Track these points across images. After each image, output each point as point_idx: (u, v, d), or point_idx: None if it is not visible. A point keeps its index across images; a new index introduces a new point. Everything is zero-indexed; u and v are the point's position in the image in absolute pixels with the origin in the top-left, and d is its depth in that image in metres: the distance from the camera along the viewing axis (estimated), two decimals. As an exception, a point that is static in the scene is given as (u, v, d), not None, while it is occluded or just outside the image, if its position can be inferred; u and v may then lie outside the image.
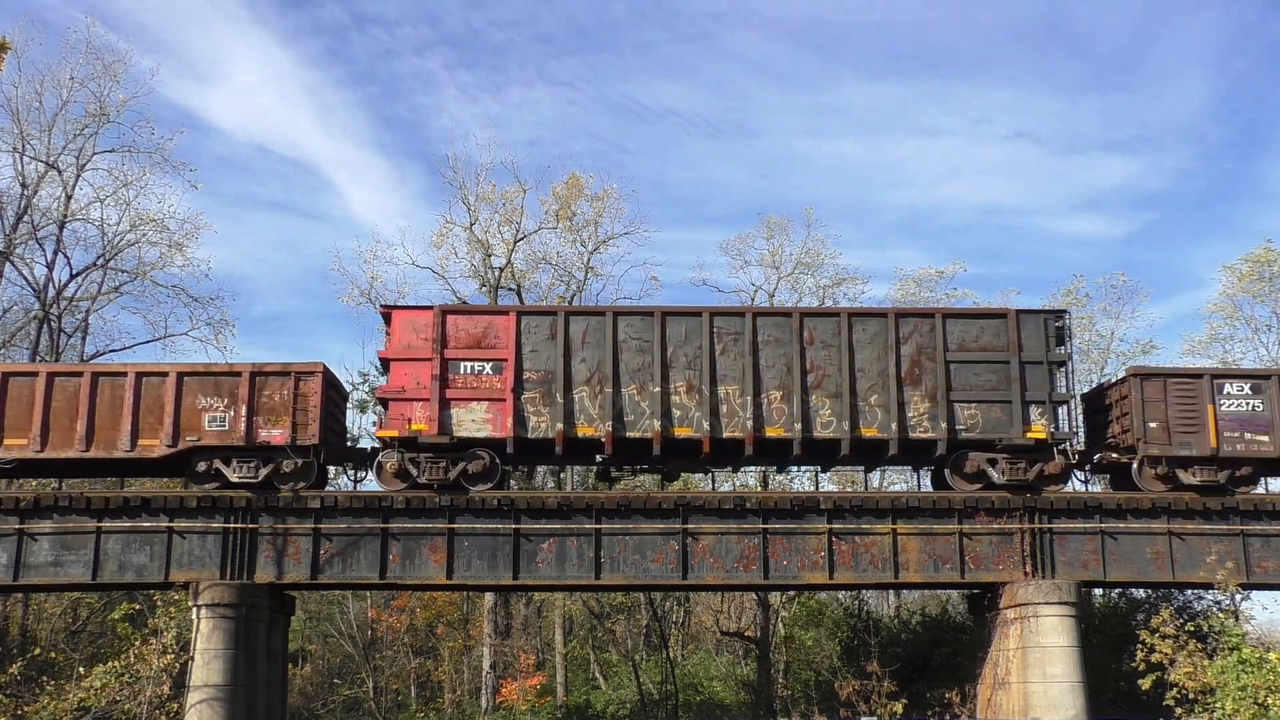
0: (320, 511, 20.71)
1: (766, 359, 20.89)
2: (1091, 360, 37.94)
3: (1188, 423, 21.17)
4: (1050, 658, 20.40)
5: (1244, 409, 21.25)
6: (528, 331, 20.88)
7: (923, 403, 20.94)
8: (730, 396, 20.79)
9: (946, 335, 21.11)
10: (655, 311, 21.23)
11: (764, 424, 20.74)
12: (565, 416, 20.52)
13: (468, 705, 35.60)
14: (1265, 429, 21.19)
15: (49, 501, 20.32)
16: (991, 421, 20.96)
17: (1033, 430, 20.85)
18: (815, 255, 39.98)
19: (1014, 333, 21.11)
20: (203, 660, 19.73)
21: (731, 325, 21.06)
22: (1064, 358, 21.21)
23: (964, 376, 21.09)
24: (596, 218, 39.06)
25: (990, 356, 21.08)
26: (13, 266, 32.56)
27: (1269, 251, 36.96)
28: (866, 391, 20.92)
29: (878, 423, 20.84)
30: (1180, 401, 21.23)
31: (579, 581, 21.30)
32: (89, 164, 33.52)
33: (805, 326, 21.09)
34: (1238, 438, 21.13)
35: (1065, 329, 21.37)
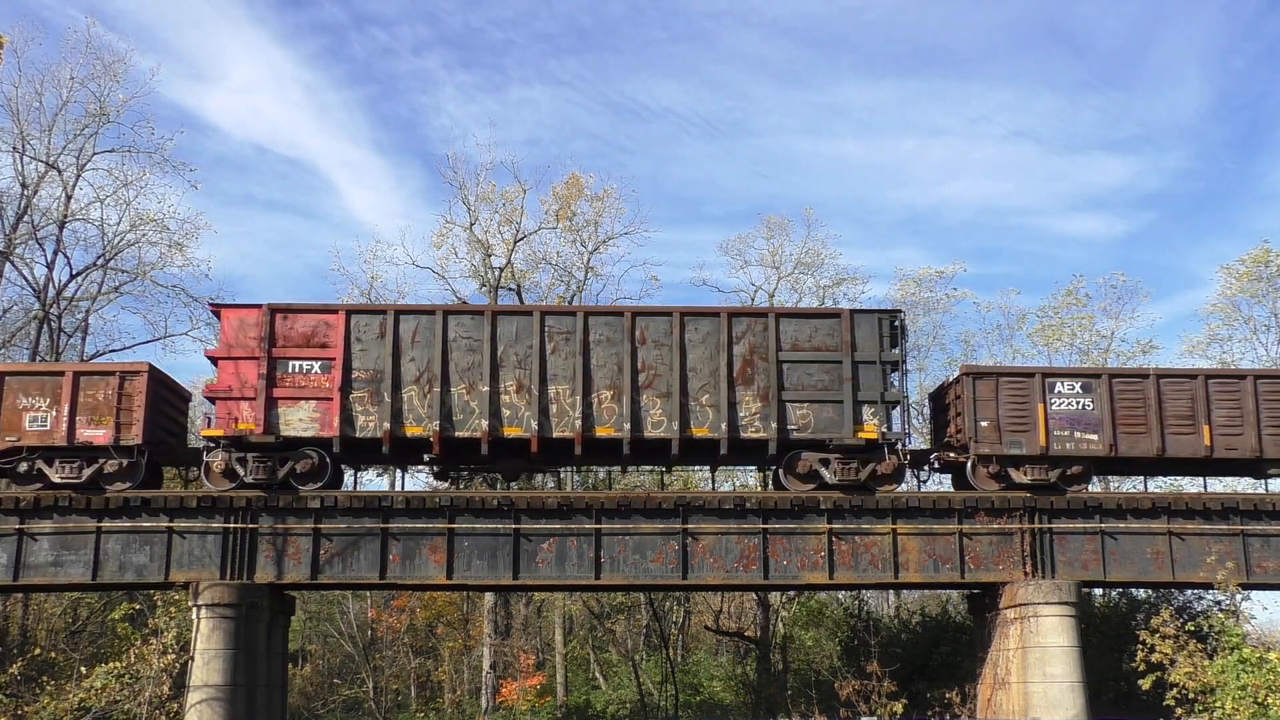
0: (320, 511, 20.71)
1: (598, 358, 20.75)
2: (1091, 360, 37.95)
3: (1018, 421, 21.09)
4: (1050, 658, 20.40)
5: (1074, 408, 21.17)
6: (357, 330, 20.68)
7: (755, 402, 20.79)
8: (560, 396, 20.64)
9: (780, 335, 20.92)
10: (485, 310, 21.11)
11: (594, 424, 20.57)
12: (393, 416, 20.34)
13: (468, 705, 35.61)
14: (1095, 427, 21.12)
15: (49, 501, 20.31)
16: (824, 421, 20.81)
17: (864, 430, 20.72)
18: (815, 255, 40.04)
19: (848, 332, 20.93)
20: (203, 660, 19.73)
21: (563, 324, 20.90)
22: (898, 358, 21.03)
23: (797, 376, 20.92)
24: (596, 218, 39.09)
25: (824, 356, 20.91)
26: (13, 266, 32.55)
27: (1267, 252, 36.98)
28: (698, 391, 20.77)
29: (709, 423, 20.66)
30: (1011, 400, 21.14)
31: (579, 581, 21.30)
32: (89, 164, 33.53)
33: (637, 326, 20.92)
34: (1067, 436, 21.07)
35: (900, 329, 21.20)
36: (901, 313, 21.69)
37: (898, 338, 21.13)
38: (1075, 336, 38.93)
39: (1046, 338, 39.19)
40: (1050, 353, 38.91)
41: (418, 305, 21.07)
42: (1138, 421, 21.24)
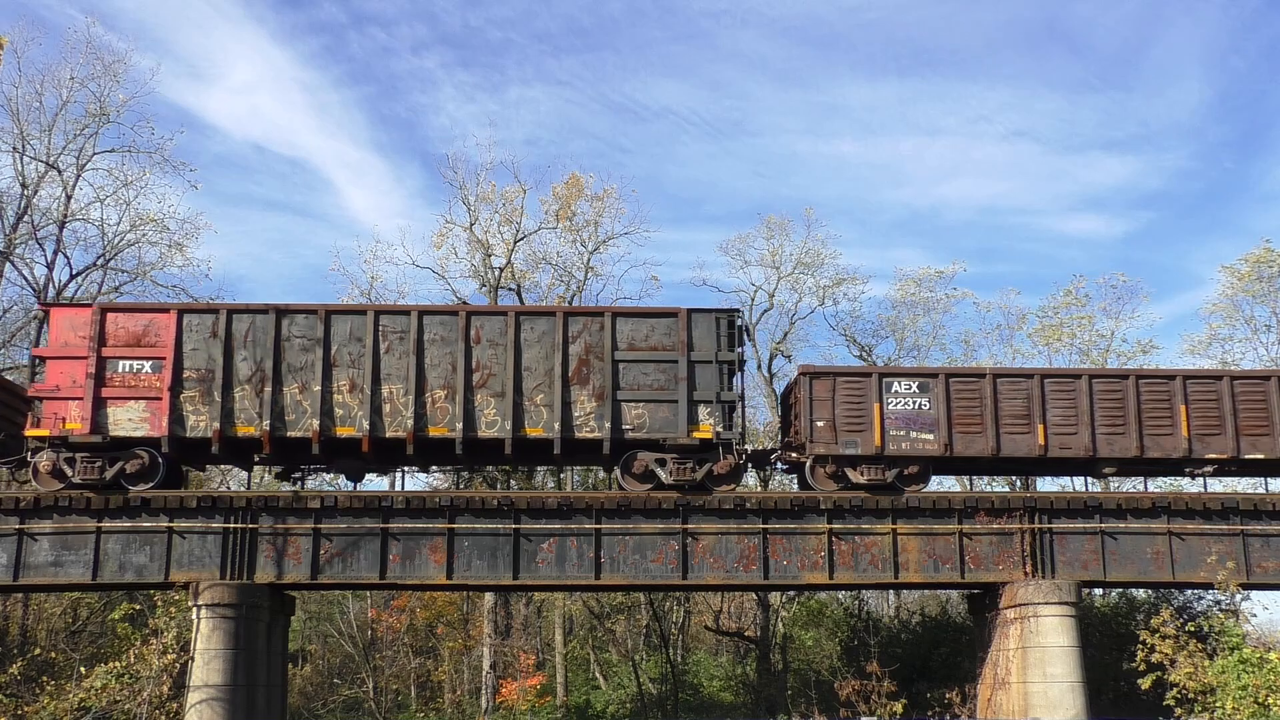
0: (320, 511, 20.71)
1: (432, 357, 20.62)
2: (1092, 360, 37.95)
3: (855, 421, 21.04)
4: (1050, 658, 20.40)
5: (910, 407, 21.12)
6: (189, 329, 20.54)
7: (589, 402, 20.69)
8: (394, 395, 20.50)
9: (616, 334, 20.82)
10: (320, 309, 20.85)
11: (426, 423, 20.44)
12: (224, 415, 20.21)
13: (468, 705, 35.61)
14: (931, 427, 21.08)
15: (49, 501, 20.31)
16: (659, 421, 20.68)
17: (699, 430, 20.60)
18: (815, 255, 39.99)
19: (685, 332, 20.79)
20: (203, 660, 19.73)
21: (397, 324, 20.76)
22: (735, 358, 20.88)
23: (632, 375, 20.81)
24: (596, 218, 39.08)
25: (660, 356, 20.79)
26: (13, 266, 32.55)
27: (1268, 252, 36.96)
28: (533, 391, 20.67)
29: (543, 422, 20.54)
30: (848, 400, 21.09)
31: (579, 581, 21.30)
32: (89, 164, 33.52)
33: (472, 325, 20.80)
34: (903, 436, 21.01)
35: (739, 329, 21.07)
36: (739, 312, 21.51)
37: (736, 337, 20.96)
38: (1075, 336, 38.92)
39: (1046, 338, 39.18)
40: (1050, 353, 38.92)
41: (251, 305, 20.86)
42: (973, 421, 21.15)
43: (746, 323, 21.32)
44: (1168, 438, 21.39)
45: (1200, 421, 21.45)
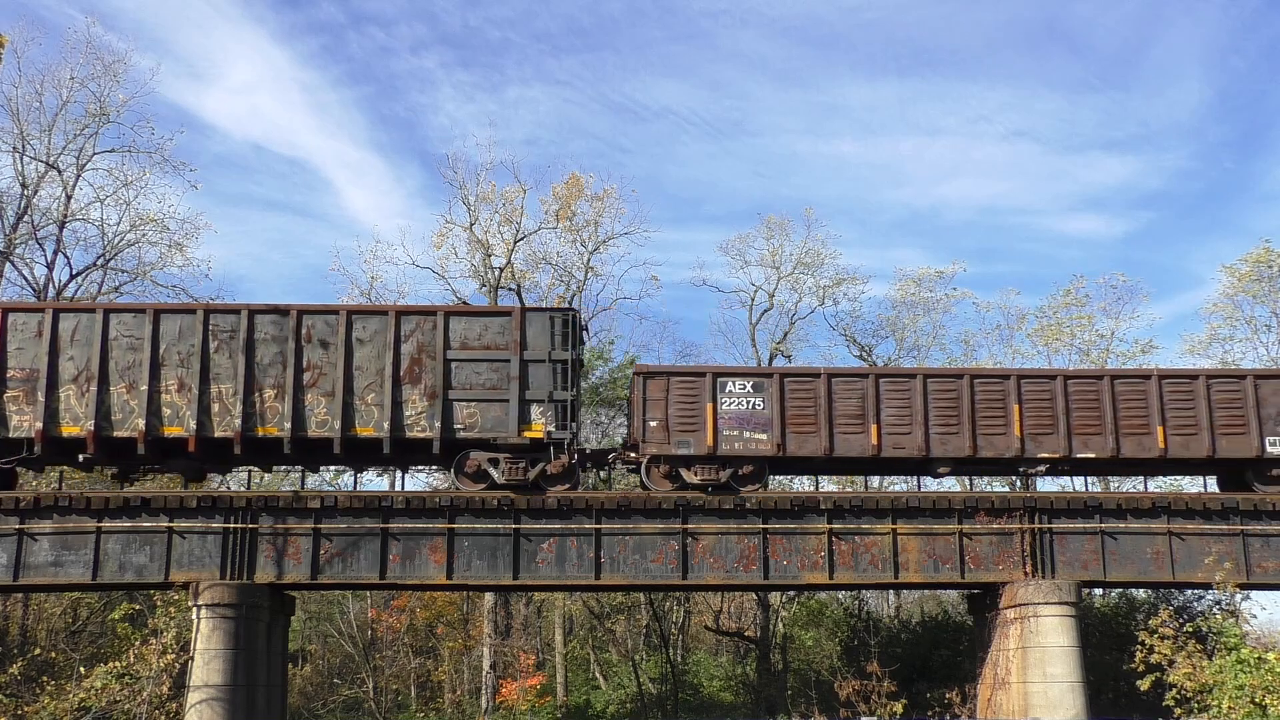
0: (320, 511, 20.72)
1: (262, 357, 20.52)
2: (1091, 360, 37.95)
3: (688, 421, 20.95)
4: (1050, 658, 20.41)
5: (744, 407, 21.05)
6: (14, 329, 20.40)
7: (421, 401, 20.58)
8: (223, 395, 20.40)
9: (449, 333, 20.75)
10: (148, 308, 20.73)
11: (255, 423, 20.35)
12: (47, 415, 20.03)
13: (468, 705, 35.61)
14: (765, 427, 21.01)
15: (49, 501, 20.32)
16: (491, 420, 20.59)
17: (531, 429, 20.53)
18: (815, 255, 40.03)
19: (518, 331, 20.76)
20: (203, 660, 19.74)
21: (227, 323, 20.64)
22: (570, 357, 20.78)
23: (465, 375, 20.72)
24: (596, 218, 39.11)
25: (493, 355, 20.72)
26: (13, 266, 32.54)
27: (1268, 252, 36.97)
28: (364, 390, 20.55)
29: (373, 422, 20.45)
30: (682, 400, 21.01)
31: (579, 581, 21.31)
32: (89, 164, 33.54)
33: (304, 324, 20.66)
34: (736, 436, 20.94)
35: (574, 328, 20.95)
36: (575, 311, 21.41)
37: (573, 337, 20.86)
38: (1075, 336, 38.93)
39: (1046, 338, 39.20)
40: (1050, 353, 38.95)
41: (77, 304, 20.88)
42: (808, 421, 21.11)
43: (585, 322, 21.14)
44: (1001, 437, 21.30)
45: (1034, 421, 21.34)
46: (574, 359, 20.85)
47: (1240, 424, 21.43)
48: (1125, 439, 21.37)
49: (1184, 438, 21.41)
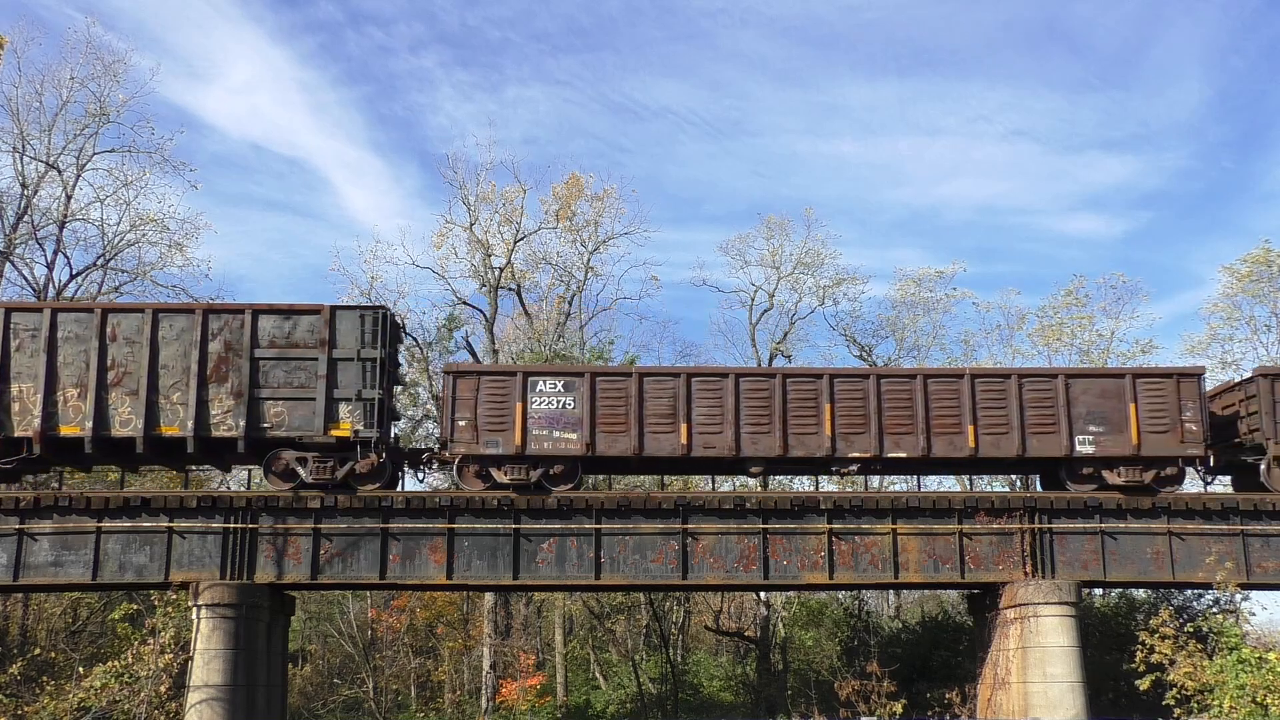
0: (320, 511, 20.71)
1: (65, 355, 20.32)
2: (1091, 360, 37.94)
3: (497, 421, 20.81)
4: (1050, 658, 20.41)
5: (554, 407, 20.92)
6: None
7: (227, 400, 20.38)
8: (23, 394, 20.17)
9: (258, 331, 20.58)
10: None
11: (57, 422, 20.13)
12: None
13: (468, 705, 35.61)
14: (575, 426, 20.88)
15: (49, 501, 20.32)
16: (299, 419, 20.42)
17: (338, 428, 20.37)
18: (815, 255, 40.03)
19: (327, 329, 20.59)
20: (203, 660, 19.74)
21: (29, 321, 20.45)
22: (379, 355, 20.59)
23: (274, 373, 20.56)
24: (596, 218, 39.15)
25: (302, 353, 20.57)
26: (13, 266, 32.55)
27: (1268, 251, 36.97)
28: (169, 389, 20.34)
29: (178, 420, 20.23)
30: (491, 400, 20.85)
31: (579, 581, 21.31)
32: (89, 164, 33.56)
33: (109, 323, 20.42)
34: (546, 435, 20.80)
35: (385, 326, 20.76)
36: (386, 309, 21.19)
37: (384, 335, 20.68)
38: (1075, 336, 38.93)
39: (1047, 338, 39.21)
40: (1050, 353, 38.94)
41: None
42: (618, 420, 20.98)
43: (400, 320, 21.01)
44: (812, 437, 21.14)
45: (845, 420, 21.22)
46: (384, 358, 20.62)
47: (1051, 423, 21.28)
48: (937, 438, 21.18)
49: (995, 437, 21.21)
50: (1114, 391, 21.44)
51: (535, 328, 38.51)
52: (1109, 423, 21.28)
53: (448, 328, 37.27)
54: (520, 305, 39.60)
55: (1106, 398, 21.38)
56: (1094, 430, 21.27)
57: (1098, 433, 21.26)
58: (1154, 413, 21.30)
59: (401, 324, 21.51)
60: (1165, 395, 21.37)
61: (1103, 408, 21.34)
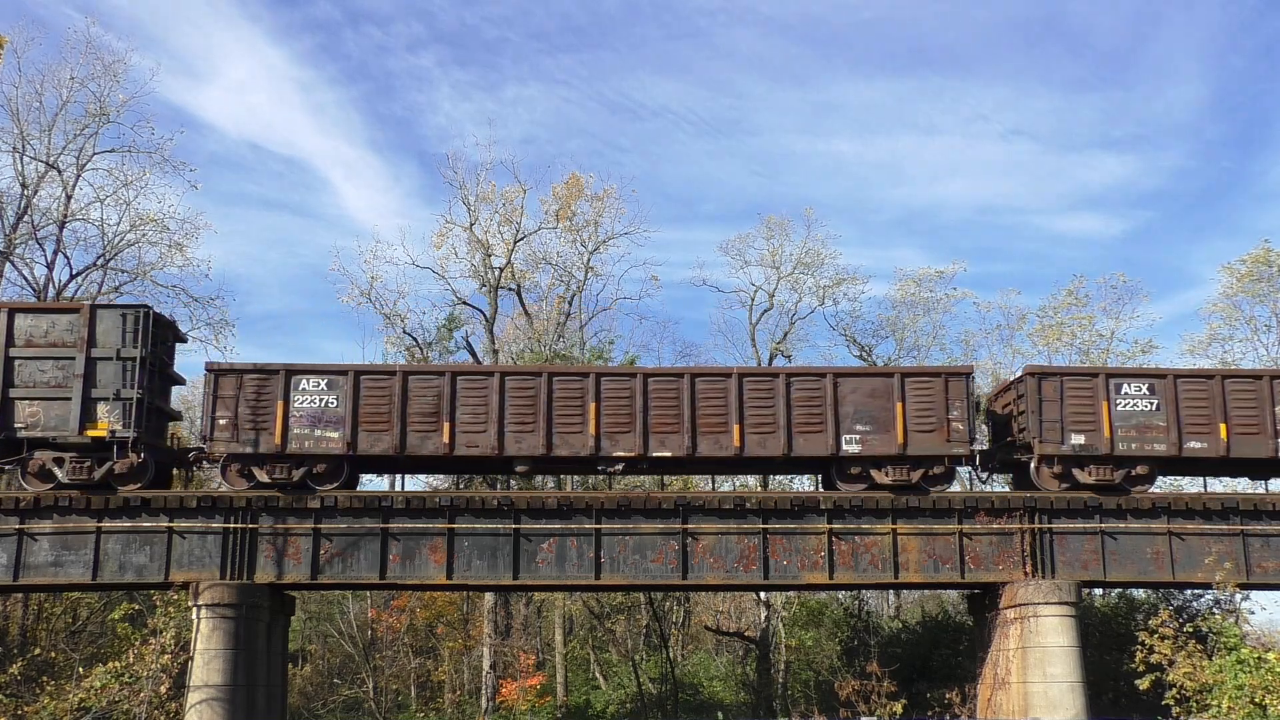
0: (320, 511, 20.73)
1: None
2: (1089, 360, 37.94)
3: (258, 419, 20.65)
4: (1050, 657, 20.42)
5: (316, 405, 20.77)
6: None
7: None
8: None
9: (13, 330, 20.35)
10: None
11: None
12: None
13: (468, 705, 35.61)
14: (337, 425, 20.73)
15: (49, 501, 20.32)
16: (54, 419, 20.15)
17: (94, 428, 20.10)
18: (815, 255, 39.99)
19: (86, 328, 20.33)
20: (203, 660, 19.76)
21: None
22: (138, 354, 20.35)
23: (29, 372, 20.30)
24: (596, 218, 39.13)
25: (59, 352, 20.32)
26: (13, 266, 32.53)
27: (1268, 251, 36.97)
28: None
29: None
30: (253, 398, 20.69)
31: (579, 581, 21.33)
32: (89, 164, 33.50)
33: None
34: (307, 434, 20.68)
35: (147, 325, 20.42)
36: (148, 308, 20.96)
37: (143, 334, 20.43)
38: (1075, 336, 38.94)
39: (1047, 338, 39.21)
40: (1050, 353, 38.94)
41: None
42: (381, 419, 20.83)
43: (170, 319, 21.05)
44: (577, 436, 21.01)
45: (611, 419, 21.08)
46: (144, 357, 20.40)
47: (818, 423, 21.17)
48: (703, 438, 21.06)
49: (761, 436, 21.10)
50: (882, 391, 21.31)
51: (535, 328, 38.52)
52: (876, 422, 21.14)
53: (448, 328, 37.29)
54: (520, 305, 39.62)
55: (875, 397, 21.25)
56: (861, 430, 21.14)
57: (865, 432, 21.13)
58: (921, 412, 21.18)
59: (172, 323, 21.57)
60: (933, 395, 21.25)
61: (871, 407, 21.20)
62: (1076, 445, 21.25)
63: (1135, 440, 21.27)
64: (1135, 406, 21.40)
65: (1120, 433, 21.28)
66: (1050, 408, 21.35)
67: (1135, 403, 21.42)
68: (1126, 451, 21.23)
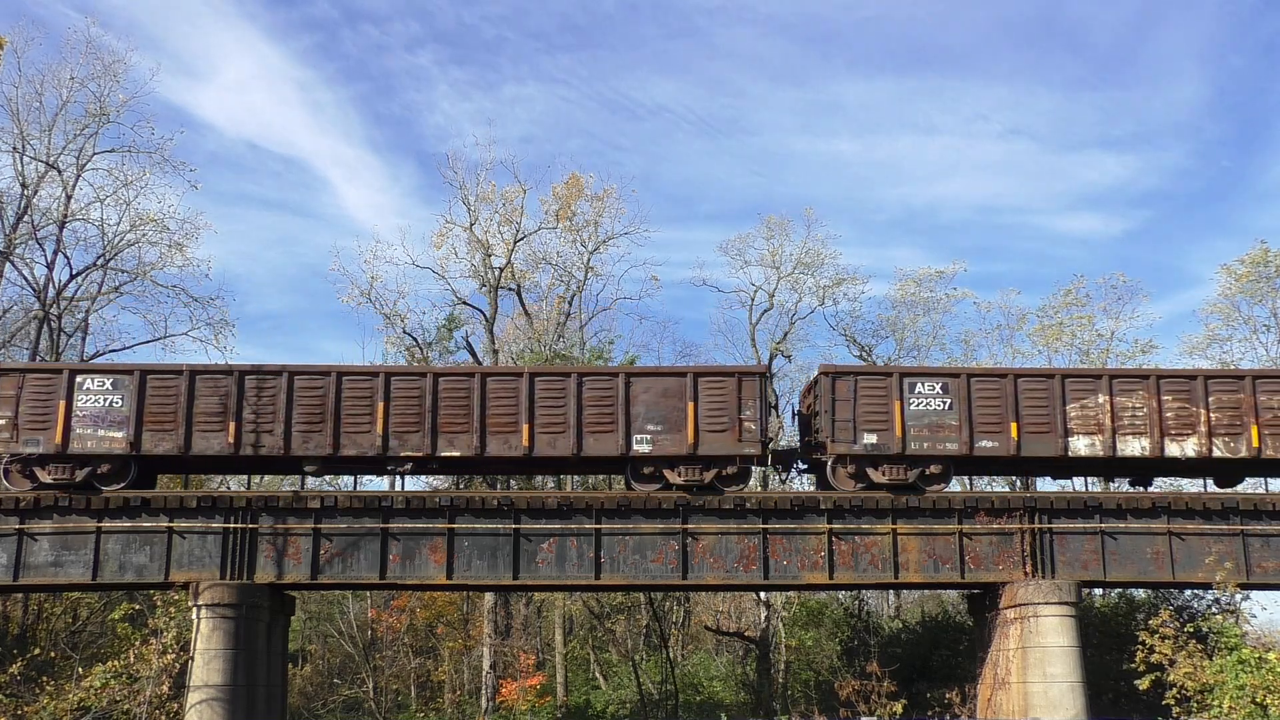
0: (320, 511, 20.73)
1: None
2: (1091, 360, 37.95)
3: (40, 419, 20.48)
4: (1050, 657, 20.42)
5: (101, 405, 20.63)
6: None
7: None
8: None
9: None
10: None
11: None
12: None
13: (468, 705, 35.61)
14: (121, 425, 20.58)
15: (49, 501, 20.33)
16: None
17: None
18: (815, 255, 39.99)
19: None
20: (203, 660, 19.76)
21: None
22: None
23: None
24: (596, 218, 39.13)
25: None
26: (13, 266, 32.54)
27: (1266, 252, 36.98)
28: None
29: None
30: (34, 398, 20.58)
31: (579, 581, 21.33)
32: (89, 164, 33.50)
33: None
34: (90, 434, 20.56)
35: None
36: None
37: None
38: (1075, 336, 38.94)
39: (1047, 338, 39.22)
40: (1050, 353, 38.95)
41: None
42: (167, 419, 20.71)
43: None
44: (365, 435, 20.90)
45: (400, 419, 20.96)
46: None
47: (609, 422, 21.07)
48: (492, 438, 20.97)
49: (551, 436, 21.00)
50: (675, 390, 21.23)
51: (535, 328, 38.52)
52: (668, 422, 21.08)
53: (448, 328, 37.29)
54: (520, 305, 39.62)
55: (668, 397, 21.18)
56: (652, 429, 21.07)
57: (656, 432, 21.06)
58: (713, 412, 21.12)
59: None
60: (726, 395, 21.17)
61: (663, 407, 21.14)
62: (869, 445, 21.16)
63: (928, 439, 21.20)
64: (928, 406, 21.35)
65: (913, 432, 21.20)
66: (843, 407, 21.26)
67: (928, 402, 21.36)
68: (919, 451, 21.14)
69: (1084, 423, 21.46)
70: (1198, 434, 21.48)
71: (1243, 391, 21.69)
